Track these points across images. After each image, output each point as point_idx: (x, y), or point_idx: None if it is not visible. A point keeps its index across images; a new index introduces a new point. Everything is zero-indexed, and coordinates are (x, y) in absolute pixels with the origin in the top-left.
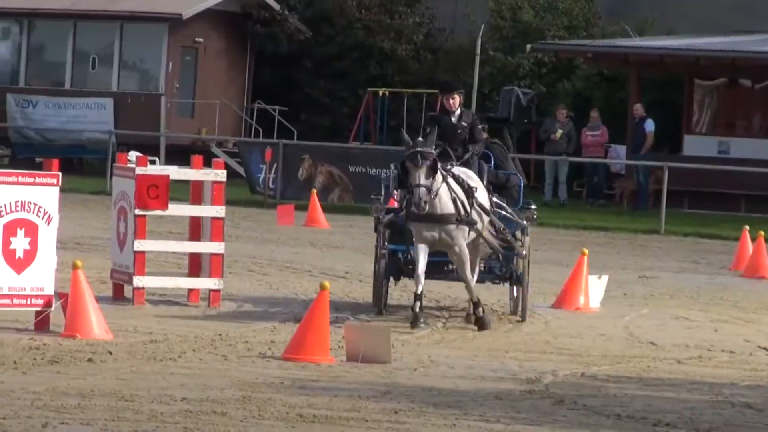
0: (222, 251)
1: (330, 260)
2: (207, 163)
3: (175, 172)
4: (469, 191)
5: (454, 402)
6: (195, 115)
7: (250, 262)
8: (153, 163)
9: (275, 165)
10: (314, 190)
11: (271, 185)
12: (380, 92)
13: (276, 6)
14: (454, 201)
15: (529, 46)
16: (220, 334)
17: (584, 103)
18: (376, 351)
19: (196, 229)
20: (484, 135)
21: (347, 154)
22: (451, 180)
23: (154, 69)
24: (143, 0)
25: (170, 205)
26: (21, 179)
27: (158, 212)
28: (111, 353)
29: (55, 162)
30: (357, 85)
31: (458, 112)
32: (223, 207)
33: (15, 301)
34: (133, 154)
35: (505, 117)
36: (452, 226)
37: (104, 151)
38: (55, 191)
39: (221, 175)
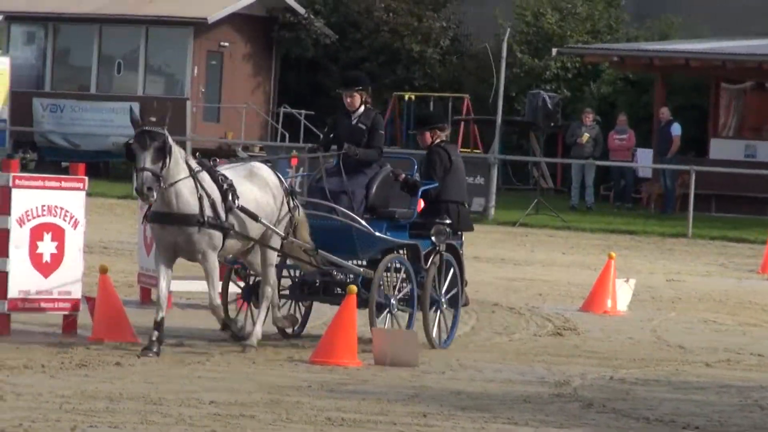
0: None
1: None
2: None
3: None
4: (226, 192)
5: (482, 405)
6: (221, 120)
7: None
8: None
9: (301, 169)
10: None
11: (297, 189)
12: (406, 96)
13: (301, 10)
14: (200, 200)
15: (554, 50)
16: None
17: (610, 107)
18: (404, 355)
19: None
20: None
21: None
22: (205, 176)
23: (179, 73)
24: (168, 4)
25: None
26: (47, 183)
27: None
28: (139, 357)
29: (81, 166)
30: (383, 89)
31: (360, 110)
32: None
33: (42, 305)
34: None
35: (531, 121)
36: (193, 229)
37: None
38: (82, 195)
39: None
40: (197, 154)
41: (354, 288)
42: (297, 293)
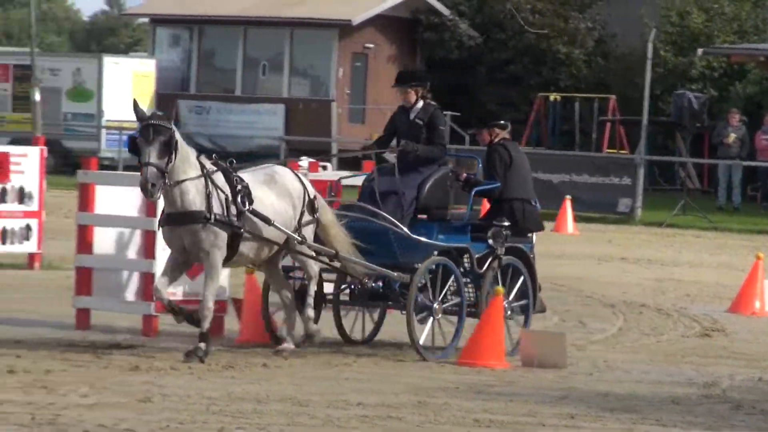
0: None
1: None
2: None
3: (347, 178)
4: (238, 194)
5: (630, 407)
6: (366, 121)
7: None
8: (324, 168)
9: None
10: None
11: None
12: (551, 97)
13: (446, 11)
14: (208, 197)
15: (700, 51)
16: (395, 339)
17: (756, 107)
18: (551, 356)
19: None
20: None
21: None
22: (219, 177)
23: (324, 75)
24: (313, 6)
25: None
26: None
27: None
28: (285, 359)
29: None
30: (528, 90)
31: (418, 106)
32: None
33: (190, 306)
34: (304, 160)
35: (677, 121)
36: (198, 227)
37: (275, 156)
38: None
39: None
40: (214, 155)
41: (501, 289)
42: (363, 300)
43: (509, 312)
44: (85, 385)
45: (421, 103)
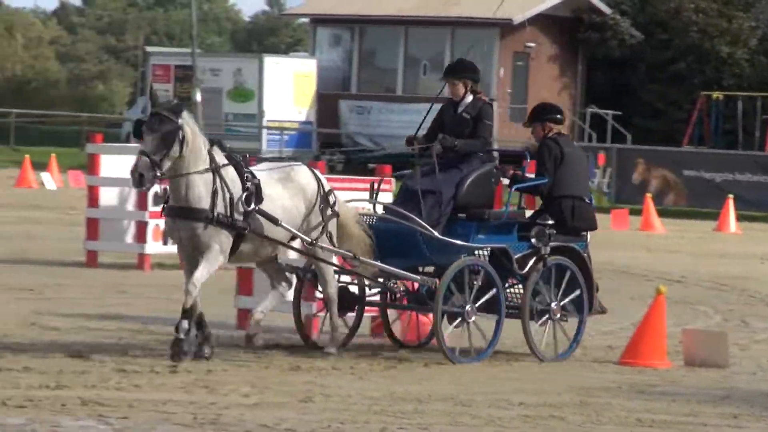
0: None
1: (666, 265)
2: None
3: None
4: (246, 190)
5: None
6: None
7: None
8: None
9: (609, 169)
10: (648, 195)
11: (605, 189)
12: (714, 96)
13: (607, 10)
14: (213, 194)
15: None
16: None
17: None
18: (713, 355)
19: None
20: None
21: (681, 157)
22: (229, 172)
23: (485, 74)
24: (474, 5)
25: None
26: (355, 185)
27: None
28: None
29: (387, 168)
30: (691, 89)
31: (467, 100)
32: None
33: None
34: None
35: None
36: (199, 225)
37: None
38: (389, 197)
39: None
40: (225, 145)
41: (664, 288)
42: (418, 304)
43: (558, 315)
44: (246, 384)
45: (470, 98)
